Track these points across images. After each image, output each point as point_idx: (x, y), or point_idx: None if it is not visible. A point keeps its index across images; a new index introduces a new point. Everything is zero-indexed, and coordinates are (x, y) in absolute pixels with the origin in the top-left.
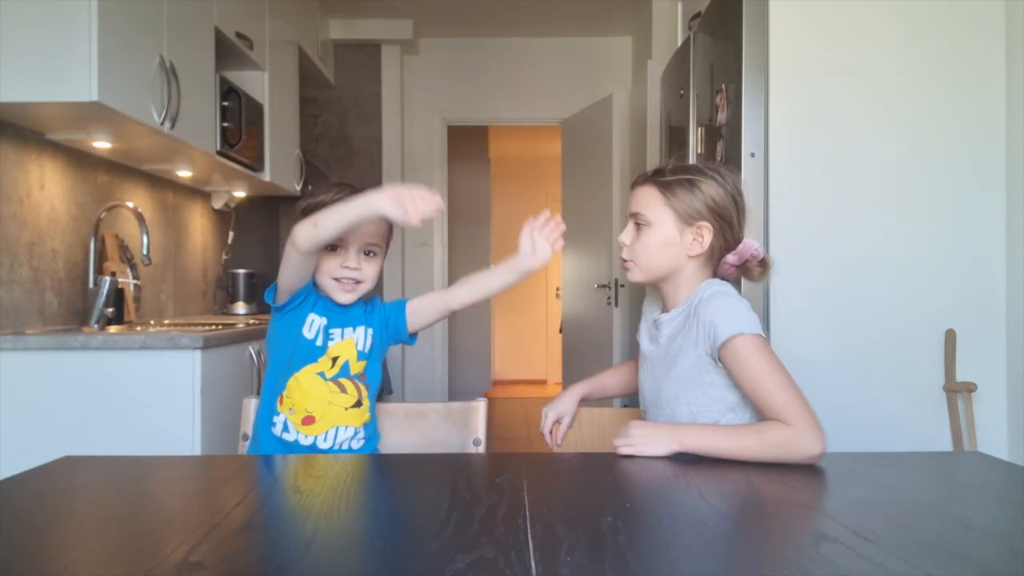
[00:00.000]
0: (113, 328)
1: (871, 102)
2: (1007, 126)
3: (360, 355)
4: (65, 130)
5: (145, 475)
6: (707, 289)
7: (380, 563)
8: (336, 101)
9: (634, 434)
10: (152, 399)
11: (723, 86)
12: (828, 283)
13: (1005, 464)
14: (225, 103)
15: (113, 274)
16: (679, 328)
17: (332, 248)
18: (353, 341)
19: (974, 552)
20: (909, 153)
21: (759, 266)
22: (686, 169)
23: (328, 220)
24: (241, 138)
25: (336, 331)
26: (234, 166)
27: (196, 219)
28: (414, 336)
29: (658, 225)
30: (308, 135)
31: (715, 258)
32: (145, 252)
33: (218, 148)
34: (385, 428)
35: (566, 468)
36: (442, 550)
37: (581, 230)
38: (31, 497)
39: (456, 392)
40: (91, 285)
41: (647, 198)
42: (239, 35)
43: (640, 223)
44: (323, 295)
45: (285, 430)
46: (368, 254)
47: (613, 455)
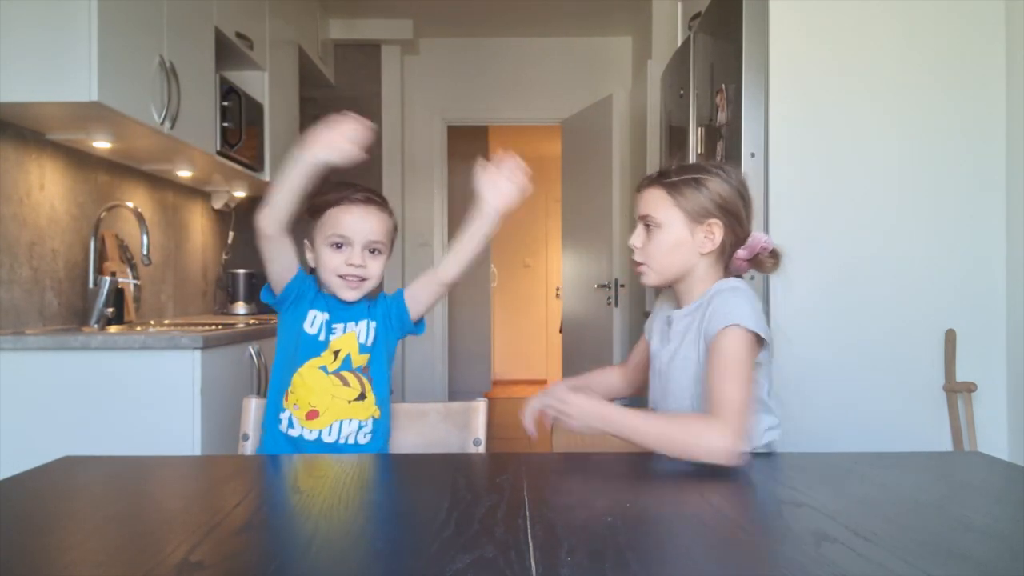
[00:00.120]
0: (113, 328)
1: (871, 102)
2: (1007, 126)
3: (362, 348)
4: (65, 130)
5: (145, 475)
6: (721, 285)
7: (380, 563)
8: (336, 101)
9: (572, 404)
10: (152, 399)
11: (723, 86)
12: (828, 283)
13: (1005, 464)
14: (225, 103)
15: (113, 274)
16: (690, 324)
17: (337, 246)
18: (355, 334)
19: (974, 552)
20: (909, 153)
21: (770, 257)
22: (691, 168)
23: (278, 193)
24: (241, 138)
25: (339, 325)
26: (234, 166)
27: (196, 219)
28: (420, 324)
29: (668, 226)
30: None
31: (726, 254)
32: (145, 252)
33: (218, 148)
34: None
35: (566, 468)
36: (442, 550)
37: (581, 230)
38: (31, 497)
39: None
40: (91, 285)
41: (655, 200)
42: (239, 35)
43: (650, 225)
44: (327, 292)
45: (291, 426)
46: (373, 252)
47: (613, 455)
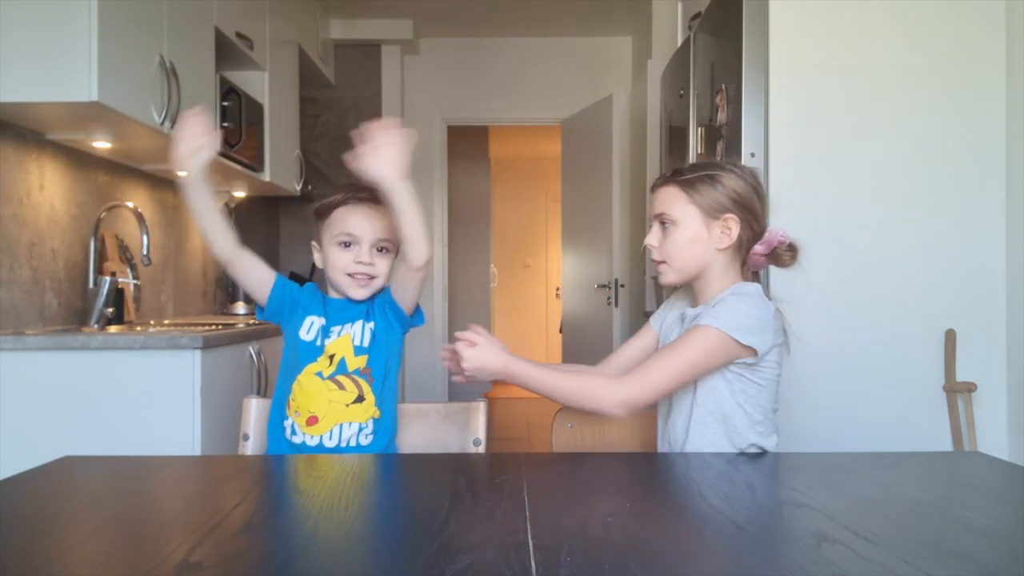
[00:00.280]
0: (113, 328)
1: (871, 102)
2: (1007, 126)
3: (358, 350)
4: (65, 130)
5: (145, 475)
6: (737, 288)
7: (380, 563)
8: (336, 101)
9: (479, 349)
10: (152, 399)
11: (723, 86)
12: (828, 283)
13: (1005, 464)
14: (225, 103)
15: (113, 274)
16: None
17: (346, 245)
18: (349, 337)
19: (974, 552)
20: (909, 153)
21: (788, 251)
22: (704, 166)
23: (201, 222)
24: (241, 138)
25: (335, 328)
26: (234, 166)
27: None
28: (417, 315)
29: (684, 222)
30: (308, 135)
31: (743, 250)
32: (145, 252)
33: (218, 148)
34: None
35: (566, 468)
36: (442, 550)
37: (581, 230)
38: (31, 497)
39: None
40: (91, 285)
41: (670, 198)
42: (239, 35)
43: (666, 222)
44: (335, 293)
45: (294, 433)
46: (381, 250)
47: (613, 455)
